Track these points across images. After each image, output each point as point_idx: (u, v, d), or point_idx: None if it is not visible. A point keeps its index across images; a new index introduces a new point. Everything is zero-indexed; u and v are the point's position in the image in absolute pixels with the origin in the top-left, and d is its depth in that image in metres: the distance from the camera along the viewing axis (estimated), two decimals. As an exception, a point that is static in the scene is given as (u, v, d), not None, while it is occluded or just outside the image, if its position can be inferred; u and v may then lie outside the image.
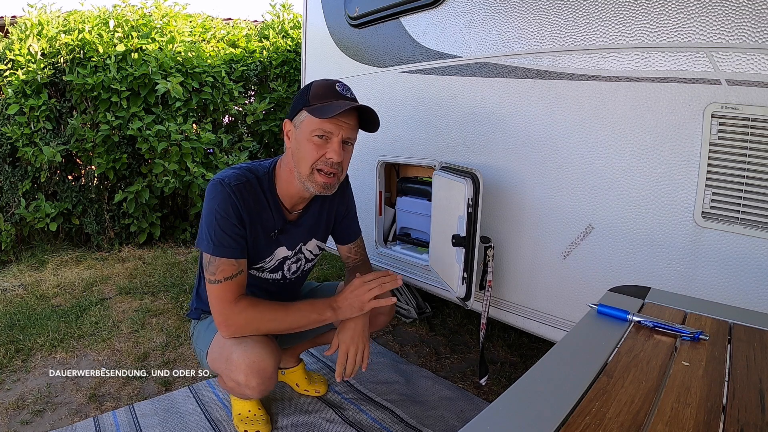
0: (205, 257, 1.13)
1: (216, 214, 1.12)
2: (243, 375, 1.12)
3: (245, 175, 1.17)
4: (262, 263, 1.26)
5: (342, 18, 2.09)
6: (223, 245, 1.11)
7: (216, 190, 1.13)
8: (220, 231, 1.11)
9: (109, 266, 2.93)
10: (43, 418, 1.43)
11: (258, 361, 1.12)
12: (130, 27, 3.25)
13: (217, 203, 1.12)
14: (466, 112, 1.56)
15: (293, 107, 1.17)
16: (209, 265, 1.12)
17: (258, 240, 1.20)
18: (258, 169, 1.21)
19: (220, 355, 1.17)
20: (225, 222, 1.12)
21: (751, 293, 1.00)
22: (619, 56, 1.15)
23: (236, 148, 3.53)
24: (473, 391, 1.62)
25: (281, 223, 1.24)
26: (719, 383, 0.52)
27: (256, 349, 1.12)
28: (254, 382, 1.13)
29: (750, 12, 0.96)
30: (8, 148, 3.06)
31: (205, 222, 1.14)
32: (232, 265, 1.12)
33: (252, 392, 1.16)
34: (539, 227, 1.36)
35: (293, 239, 1.28)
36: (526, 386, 0.50)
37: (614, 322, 0.68)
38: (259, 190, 1.19)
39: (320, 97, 1.11)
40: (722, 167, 1.03)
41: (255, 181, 1.18)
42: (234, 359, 1.12)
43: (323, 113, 1.08)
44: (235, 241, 1.13)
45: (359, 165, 2.05)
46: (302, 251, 1.33)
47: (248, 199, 1.15)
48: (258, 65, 3.73)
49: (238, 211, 1.13)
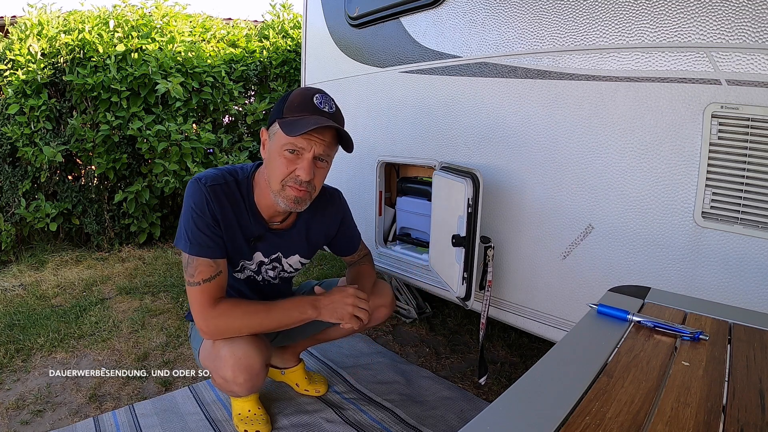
0: (184, 257, 1.13)
1: (192, 212, 1.11)
2: (230, 371, 1.12)
3: (224, 176, 1.16)
4: (242, 262, 1.24)
5: (342, 18, 2.09)
6: (200, 244, 1.10)
7: (192, 189, 1.12)
8: (196, 229, 1.10)
9: (109, 266, 2.93)
10: (43, 418, 1.43)
11: (245, 357, 1.12)
12: (130, 27, 3.25)
13: (193, 201, 1.11)
14: (466, 112, 1.56)
15: (271, 116, 1.15)
16: (188, 266, 1.11)
17: (237, 241, 1.18)
18: (239, 173, 1.19)
19: (209, 353, 1.17)
20: (201, 220, 1.11)
21: (752, 293, 1.00)
22: (619, 56, 1.15)
23: (236, 148, 3.53)
24: (473, 391, 1.62)
25: (261, 230, 1.21)
26: (719, 383, 0.52)
27: (243, 345, 1.12)
28: (241, 378, 1.13)
29: (750, 12, 0.95)
30: (8, 148, 3.06)
31: (183, 220, 1.13)
32: (210, 265, 1.10)
33: (240, 389, 1.16)
34: (539, 227, 1.36)
35: (272, 249, 1.26)
36: (526, 386, 0.50)
37: (614, 322, 0.67)
38: (238, 194, 1.17)
39: (295, 109, 1.08)
40: (722, 167, 1.03)
41: (234, 184, 1.16)
42: (222, 356, 1.13)
43: (292, 130, 1.04)
44: (213, 240, 1.12)
45: (359, 165, 2.05)
46: (281, 262, 1.30)
47: (223, 201, 1.14)
48: (258, 65, 3.73)
49: (213, 211, 1.12)
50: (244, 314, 1.11)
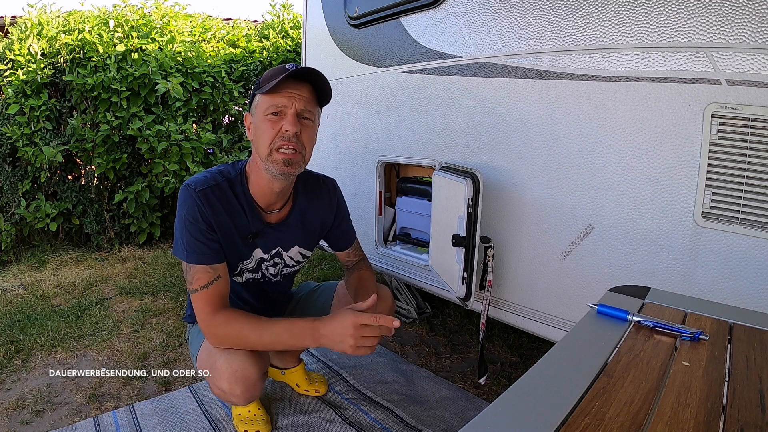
0: (183, 265, 1.12)
1: (185, 220, 1.10)
2: (227, 383, 1.11)
3: (215, 178, 1.15)
4: (241, 265, 1.24)
5: (342, 18, 2.09)
6: (196, 252, 1.10)
7: (183, 196, 1.12)
8: (191, 237, 1.10)
9: (109, 266, 2.93)
10: (43, 418, 1.43)
11: (241, 369, 1.10)
12: (130, 27, 3.25)
13: (185, 209, 1.11)
14: (466, 112, 1.56)
15: (250, 97, 1.17)
16: (187, 274, 1.11)
17: (234, 243, 1.18)
18: (230, 171, 1.19)
19: (206, 362, 1.16)
20: (194, 227, 1.10)
21: (751, 293, 1.00)
22: (619, 56, 1.15)
23: (236, 148, 3.53)
24: (473, 391, 1.62)
25: (258, 226, 1.20)
26: (719, 383, 0.52)
27: (239, 356, 1.11)
28: (238, 390, 1.12)
29: (750, 12, 0.95)
30: (8, 148, 3.06)
31: (177, 228, 1.12)
32: (207, 272, 1.10)
33: (237, 400, 1.15)
34: (539, 227, 1.36)
35: (271, 243, 1.25)
36: (526, 386, 0.50)
37: (614, 322, 0.67)
38: (231, 193, 1.16)
39: (269, 78, 1.10)
40: (722, 167, 1.03)
41: (225, 183, 1.16)
42: (218, 367, 1.11)
43: (271, 90, 1.07)
44: (208, 247, 1.11)
45: (359, 165, 2.05)
46: (282, 257, 1.29)
47: (216, 204, 1.13)
48: (258, 65, 3.73)
49: (206, 216, 1.11)
50: (243, 328, 1.08)
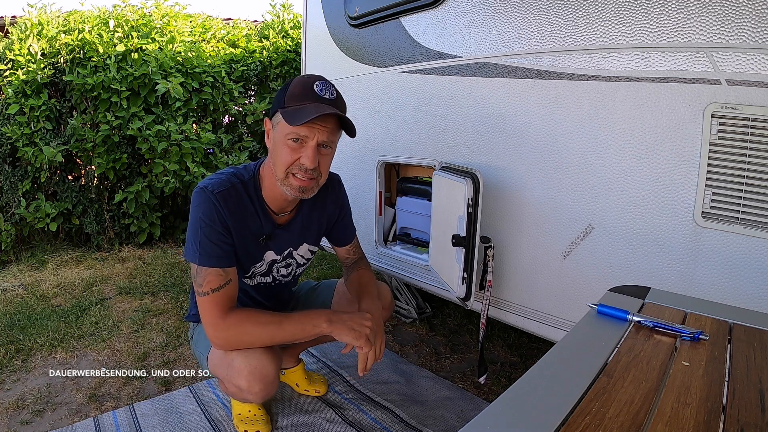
0: (193, 268, 1.11)
1: (201, 222, 1.09)
2: (245, 381, 1.11)
3: (230, 180, 1.15)
4: (253, 268, 1.24)
5: (342, 18, 2.09)
6: (209, 254, 1.09)
7: (200, 198, 1.11)
8: (206, 239, 1.09)
9: (109, 266, 2.93)
10: (43, 418, 1.43)
11: (260, 367, 1.11)
12: (130, 27, 3.25)
13: (201, 211, 1.10)
14: (466, 112, 1.56)
15: (273, 105, 1.14)
16: (197, 276, 1.09)
17: (248, 246, 1.18)
18: (243, 173, 1.18)
19: (221, 360, 1.15)
20: (210, 230, 1.09)
21: (751, 293, 1.00)
22: (619, 56, 1.15)
23: (236, 148, 3.53)
24: (473, 391, 1.62)
25: (270, 228, 1.21)
26: (719, 383, 0.52)
27: (258, 354, 1.11)
28: (257, 387, 1.12)
29: (750, 12, 0.95)
30: (8, 148, 3.06)
31: (191, 231, 1.11)
32: (219, 275, 1.09)
33: (254, 397, 1.15)
34: (539, 227, 1.36)
35: (282, 244, 1.26)
36: (526, 386, 0.50)
37: (614, 322, 0.68)
38: (245, 195, 1.16)
39: (296, 98, 1.07)
40: (722, 167, 1.03)
41: (240, 186, 1.15)
42: (236, 365, 1.11)
43: (294, 119, 1.04)
44: (222, 249, 1.10)
45: (359, 165, 2.05)
46: (293, 256, 1.30)
47: (232, 206, 1.12)
48: (258, 65, 3.73)
49: (223, 219, 1.10)
50: (255, 326, 1.09)
